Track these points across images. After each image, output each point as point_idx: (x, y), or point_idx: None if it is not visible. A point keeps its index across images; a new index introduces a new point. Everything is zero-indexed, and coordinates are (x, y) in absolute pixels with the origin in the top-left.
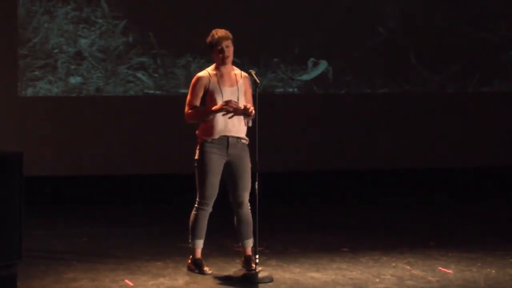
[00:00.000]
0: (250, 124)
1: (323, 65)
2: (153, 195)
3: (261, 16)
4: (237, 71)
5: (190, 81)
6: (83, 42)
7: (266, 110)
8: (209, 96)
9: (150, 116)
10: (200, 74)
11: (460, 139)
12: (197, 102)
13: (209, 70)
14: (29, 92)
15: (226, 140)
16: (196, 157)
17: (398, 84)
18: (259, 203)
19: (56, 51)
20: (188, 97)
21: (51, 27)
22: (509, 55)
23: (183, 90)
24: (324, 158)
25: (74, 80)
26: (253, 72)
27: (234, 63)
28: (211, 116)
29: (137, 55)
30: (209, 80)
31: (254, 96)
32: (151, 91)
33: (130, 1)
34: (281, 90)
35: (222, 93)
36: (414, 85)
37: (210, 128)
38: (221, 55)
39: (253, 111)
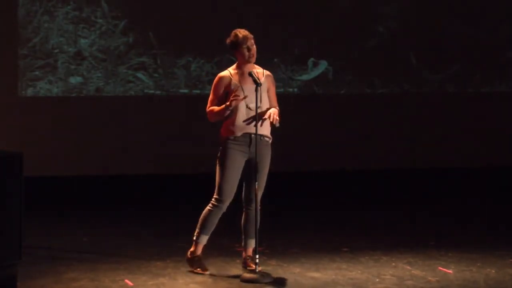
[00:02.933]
0: (277, 125)
1: (323, 65)
2: (153, 195)
3: (261, 16)
4: (259, 69)
5: (190, 81)
6: (83, 42)
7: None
8: (231, 95)
9: (150, 116)
10: (222, 73)
11: (460, 139)
12: (218, 101)
13: (231, 70)
14: (29, 92)
15: (249, 137)
16: (219, 154)
17: (398, 84)
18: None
19: (56, 51)
20: (210, 96)
21: (51, 27)
22: (509, 55)
23: (183, 90)
24: (324, 158)
25: (74, 80)
26: (253, 73)
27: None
28: (233, 114)
29: (137, 55)
30: (231, 79)
31: (255, 97)
32: (151, 91)
33: (130, 1)
34: (281, 90)
35: (244, 92)
36: (414, 85)
37: (233, 126)
38: (248, 53)
39: (273, 119)
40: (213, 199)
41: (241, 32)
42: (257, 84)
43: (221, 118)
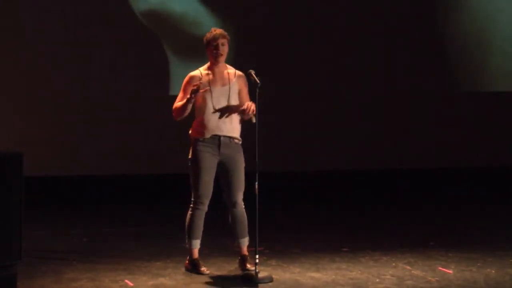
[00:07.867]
0: (254, 121)
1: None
2: (153, 195)
3: (262, 16)
4: (231, 70)
5: None
6: None
7: (266, 110)
8: (199, 95)
9: (151, 116)
10: (192, 73)
11: (460, 139)
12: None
13: (202, 69)
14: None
15: (218, 139)
16: (190, 156)
17: (399, 84)
18: (259, 203)
19: None
20: (179, 94)
21: None
22: (509, 55)
23: None
24: (324, 158)
25: None
26: (253, 72)
27: (230, 62)
28: (200, 116)
29: None
30: (200, 79)
31: (254, 96)
32: (151, 91)
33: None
34: None
35: (211, 93)
36: (414, 85)
37: (201, 127)
38: (215, 51)
39: (249, 110)
40: (192, 203)
41: (215, 30)
42: (257, 84)
43: (185, 113)
